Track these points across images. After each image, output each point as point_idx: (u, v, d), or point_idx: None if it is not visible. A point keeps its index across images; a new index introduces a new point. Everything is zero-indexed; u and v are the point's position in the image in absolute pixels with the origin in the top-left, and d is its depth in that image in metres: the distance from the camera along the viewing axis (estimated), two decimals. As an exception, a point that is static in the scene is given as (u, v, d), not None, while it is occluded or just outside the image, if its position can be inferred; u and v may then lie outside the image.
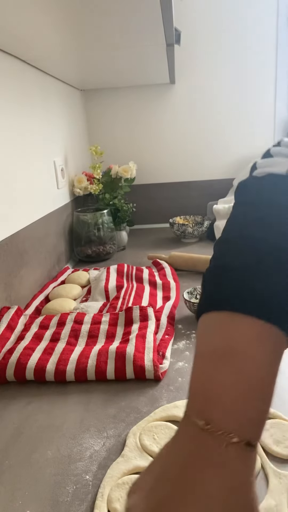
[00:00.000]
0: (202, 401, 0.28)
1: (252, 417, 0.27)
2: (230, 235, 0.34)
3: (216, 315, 0.30)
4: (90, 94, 1.61)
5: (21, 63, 0.98)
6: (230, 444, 0.26)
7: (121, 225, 1.41)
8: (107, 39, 0.86)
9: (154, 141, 1.65)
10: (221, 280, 0.31)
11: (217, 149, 1.64)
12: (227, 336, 0.28)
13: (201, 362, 0.30)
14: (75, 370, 0.65)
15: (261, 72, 1.53)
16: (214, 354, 0.29)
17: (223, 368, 0.28)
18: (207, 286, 0.32)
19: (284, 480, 0.44)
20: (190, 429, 0.28)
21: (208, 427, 0.27)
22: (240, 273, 0.30)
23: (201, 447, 0.27)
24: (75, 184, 1.36)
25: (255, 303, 0.28)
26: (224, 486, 0.26)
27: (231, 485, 0.26)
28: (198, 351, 0.31)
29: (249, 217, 0.34)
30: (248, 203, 0.35)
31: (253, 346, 0.27)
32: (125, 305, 0.88)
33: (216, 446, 0.26)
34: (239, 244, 0.32)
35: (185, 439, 0.29)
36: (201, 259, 1.11)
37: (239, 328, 0.28)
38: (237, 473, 0.26)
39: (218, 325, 0.29)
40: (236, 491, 0.26)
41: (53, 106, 1.23)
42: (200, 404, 0.28)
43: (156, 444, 0.50)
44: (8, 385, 0.66)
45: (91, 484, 0.46)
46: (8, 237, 0.86)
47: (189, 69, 1.54)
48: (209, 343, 0.30)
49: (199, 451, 0.27)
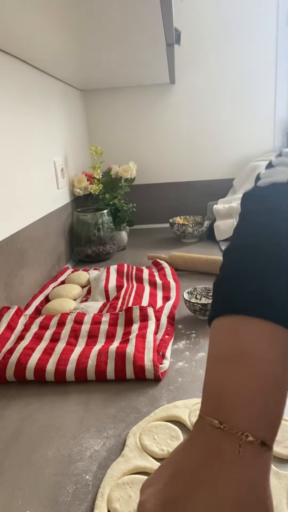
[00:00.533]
0: (217, 401, 0.29)
1: (267, 417, 0.27)
2: (239, 243, 0.35)
3: (228, 319, 0.30)
4: (90, 94, 1.61)
5: (21, 63, 0.98)
6: (245, 443, 0.26)
7: (121, 225, 1.41)
8: (107, 39, 0.86)
9: (154, 141, 1.65)
10: (232, 286, 0.32)
11: (217, 149, 1.64)
12: (239, 339, 0.29)
13: (214, 364, 0.31)
14: (75, 370, 0.65)
15: (261, 72, 1.53)
16: (228, 356, 0.29)
17: (236, 369, 0.28)
18: (217, 292, 0.33)
19: (283, 480, 0.44)
20: (205, 428, 0.28)
21: (223, 426, 0.27)
22: (249, 278, 0.31)
23: (216, 445, 0.27)
24: (75, 184, 1.36)
25: (266, 306, 0.29)
26: (237, 485, 0.26)
27: (244, 484, 0.26)
28: (211, 354, 0.31)
29: (257, 224, 0.35)
30: (254, 211, 0.36)
31: (265, 348, 0.28)
32: (125, 305, 0.88)
33: (231, 445, 0.27)
34: (248, 250, 0.33)
35: (200, 438, 0.29)
36: (201, 259, 1.11)
37: (251, 330, 0.29)
38: (251, 472, 0.26)
39: (230, 329, 0.30)
40: (248, 490, 0.26)
41: (53, 106, 1.23)
42: (214, 404, 0.29)
43: (156, 444, 0.50)
44: (8, 385, 0.66)
45: (91, 484, 0.46)
46: (8, 237, 0.86)
47: (189, 69, 1.54)
48: (222, 346, 0.30)
49: (214, 449, 0.27)
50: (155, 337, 0.73)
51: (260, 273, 0.31)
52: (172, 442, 0.51)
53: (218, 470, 0.27)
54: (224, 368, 0.29)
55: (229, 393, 0.28)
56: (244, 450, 0.26)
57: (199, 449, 0.28)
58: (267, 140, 1.62)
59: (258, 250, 0.32)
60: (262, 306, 0.29)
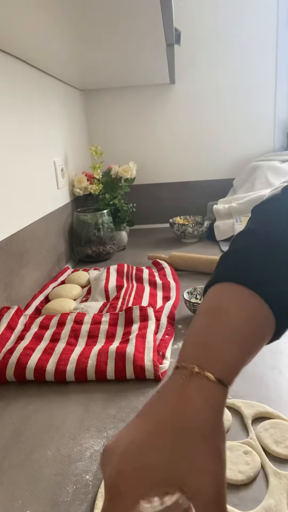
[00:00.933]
0: (185, 346, 0.33)
1: (227, 359, 0.31)
2: (251, 226, 0.40)
3: (218, 285, 0.35)
4: (90, 94, 1.61)
5: (21, 63, 0.98)
6: (191, 374, 0.30)
7: (121, 225, 1.41)
8: (107, 39, 0.86)
9: (154, 141, 1.65)
10: (232, 260, 0.37)
11: (217, 149, 1.64)
12: (220, 297, 0.34)
13: (196, 319, 0.35)
14: (75, 370, 0.65)
15: (261, 72, 1.53)
16: (206, 310, 0.34)
17: (209, 320, 0.33)
18: (219, 265, 0.38)
19: (284, 480, 0.44)
20: (174, 372, 0.32)
21: (180, 364, 0.31)
22: (252, 255, 0.36)
23: (170, 379, 0.31)
24: (75, 184, 1.36)
25: (253, 280, 0.33)
26: (174, 408, 0.29)
27: (182, 409, 0.28)
28: (197, 311, 0.36)
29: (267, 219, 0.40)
30: (263, 211, 0.42)
31: (238, 306, 0.33)
32: (125, 305, 0.88)
33: (180, 375, 0.30)
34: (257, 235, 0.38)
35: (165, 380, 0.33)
36: (201, 259, 1.11)
37: (233, 293, 0.34)
38: (190, 400, 0.29)
39: (216, 291, 0.35)
40: (184, 416, 0.28)
41: (53, 106, 1.23)
42: (183, 349, 0.33)
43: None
44: (8, 385, 0.66)
45: (91, 484, 0.46)
46: (8, 237, 0.86)
47: (189, 69, 1.54)
48: (206, 303, 0.35)
49: (167, 382, 0.32)
50: (155, 337, 0.73)
51: (262, 253, 0.35)
52: None
53: (163, 395, 0.31)
54: (200, 319, 0.34)
55: (193, 336, 0.33)
56: (189, 380, 0.29)
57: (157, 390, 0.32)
58: (267, 140, 1.62)
59: (264, 238, 0.37)
60: (249, 279, 0.33)
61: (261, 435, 0.51)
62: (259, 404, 0.56)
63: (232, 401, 0.57)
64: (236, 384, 0.62)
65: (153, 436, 0.28)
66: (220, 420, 0.29)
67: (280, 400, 0.57)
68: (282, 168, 1.46)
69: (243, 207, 1.37)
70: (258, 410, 0.55)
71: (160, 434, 0.28)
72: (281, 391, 0.59)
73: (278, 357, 0.68)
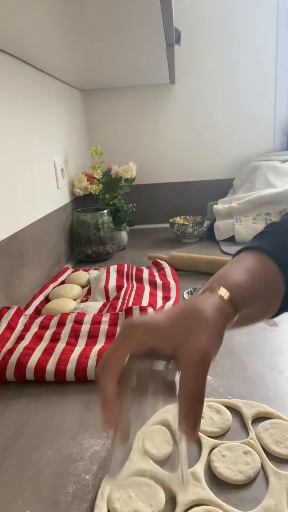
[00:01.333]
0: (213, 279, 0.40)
1: (239, 282, 0.38)
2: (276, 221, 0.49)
3: (244, 252, 0.44)
4: (90, 94, 1.61)
5: (21, 63, 0.98)
6: (211, 291, 0.37)
7: (121, 225, 1.41)
8: (107, 39, 0.86)
9: (154, 141, 1.65)
10: (258, 238, 0.45)
11: (217, 149, 1.64)
12: (243, 257, 0.43)
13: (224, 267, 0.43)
14: (75, 370, 0.65)
15: (261, 72, 1.53)
16: (230, 262, 0.43)
17: (230, 263, 0.42)
18: (255, 237, 0.46)
19: (284, 480, 0.44)
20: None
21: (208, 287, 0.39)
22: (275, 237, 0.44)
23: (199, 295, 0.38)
24: (75, 184, 1.36)
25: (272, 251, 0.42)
26: (190, 302, 0.37)
27: (195, 302, 0.36)
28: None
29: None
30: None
31: (254, 261, 0.41)
32: (125, 305, 0.88)
33: (201, 293, 0.38)
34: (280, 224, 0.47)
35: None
36: (201, 259, 1.11)
37: (253, 255, 0.42)
38: (205, 302, 0.36)
39: (241, 255, 0.44)
40: (199, 306, 0.36)
41: (53, 106, 1.23)
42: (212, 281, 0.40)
43: (155, 446, 0.50)
44: (8, 385, 0.66)
45: (91, 484, 0.46)
46: (8, 237, 0.86)
47: (189, 69, 1.54)
48: (232, 259, 0.44)
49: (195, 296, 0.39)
50: (155, 337, 0.73)
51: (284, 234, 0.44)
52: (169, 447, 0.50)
53: (184, 301, 0.41)
54: (224, 267, 0.42)
55: (222, 275, 0.40)
56: (207, 294, 0.37)
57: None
58: (267, 140, 1.62)
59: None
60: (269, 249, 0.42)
61: (261, 435, 0.51)
62: (259, 404, 0.56)
63: (232, 401, 0.57)
64: (236, 384, 0.62)
65: (166, 312, 0.36)
66: (222, 327, 0.35)
67: (280, 400, 0.57)
68: (282, 168, 1.46)
69: (243, 207, 1.37)
70: (258, 410, 0.55)
71: (172, 310, 0.36)
72: (281, 391, 0.59)
73: (278, 357, 0.68)
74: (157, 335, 0.35)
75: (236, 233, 1.34)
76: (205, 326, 0.34)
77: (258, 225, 1.33)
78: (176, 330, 0.34)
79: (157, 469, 0.47)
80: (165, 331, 0.34)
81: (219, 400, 0.58)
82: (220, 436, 0.52)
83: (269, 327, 0.79)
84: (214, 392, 0.60)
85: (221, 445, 0.50)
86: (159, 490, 0.44)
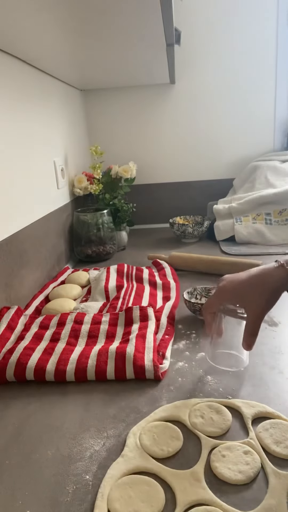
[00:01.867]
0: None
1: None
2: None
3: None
4: (90, 94, 1.61)
5: (21, 63, 0.98)
6: (281, 265, 0.60)
7: (121, 225, 1.41)
8: (107, 39, 0.86)
9: (154, 141, 1.65)
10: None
11: (217, 149, 1.64)
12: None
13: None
14: (75, 370, 0.65)
15: (261, 72, 1.53)
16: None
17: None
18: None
19: (284, 480, 0.44)
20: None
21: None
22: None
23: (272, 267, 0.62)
24: (75, 184, 1.36)
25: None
26: (261, 271, 0.61)
27: (263, 272, 0.61)
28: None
29: None
30: None
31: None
32: (125, 305, 0.88)
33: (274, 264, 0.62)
34: None
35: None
36: (201, 259, 1.11)
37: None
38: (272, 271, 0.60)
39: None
40: (266, 276, 0.60)
41: (53, 106, 1.23)
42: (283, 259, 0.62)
43: (157, 444, 0.50)
44: (8, 385, 0.66)
45: (91, 484, 0.46)
46: (8, 237, 0.86)
47: (189, 69, 1.54)
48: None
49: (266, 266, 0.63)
50: (155, 337, 0.73)
51: None
52: (172, 442, 0.51)
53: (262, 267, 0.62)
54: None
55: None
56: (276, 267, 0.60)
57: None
58: (267, 140, 1.62)
59: None
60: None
61: (261, 435, 0.51)
62: (259, 404, 0.56)
63: (232, 401, 0.57)
64: (236, 384, 0.62)
65: (243, 279, 0.62)
66: (278, 294, 0.59)
67: (280, 400, 0.57)
68: (282, 168, 1.46)
69: (243, 207, 1.37)
70: (258, 410, 0.55)
71: (248, 277, 0.61)
72: (281, 391, 0.59)
73: (278, 357, 0.68)
74: (235, 296, 0.61)
75: (236, 233, 1.34)
76: (267, 293, 0.59)
77: (258, 225, 1.33)
78: (247, 294, 0.60)
79: (158, 467, 0.47)
80: (242, 294, 0.61)
81: (219, 400, 0.58)
82: (220, 436, 0.52)
83: (269, 327, 0.79)
84: (214, 392, 0.60)
85: (221, 445, 0.50)
86: (159, 490, 0.44)
